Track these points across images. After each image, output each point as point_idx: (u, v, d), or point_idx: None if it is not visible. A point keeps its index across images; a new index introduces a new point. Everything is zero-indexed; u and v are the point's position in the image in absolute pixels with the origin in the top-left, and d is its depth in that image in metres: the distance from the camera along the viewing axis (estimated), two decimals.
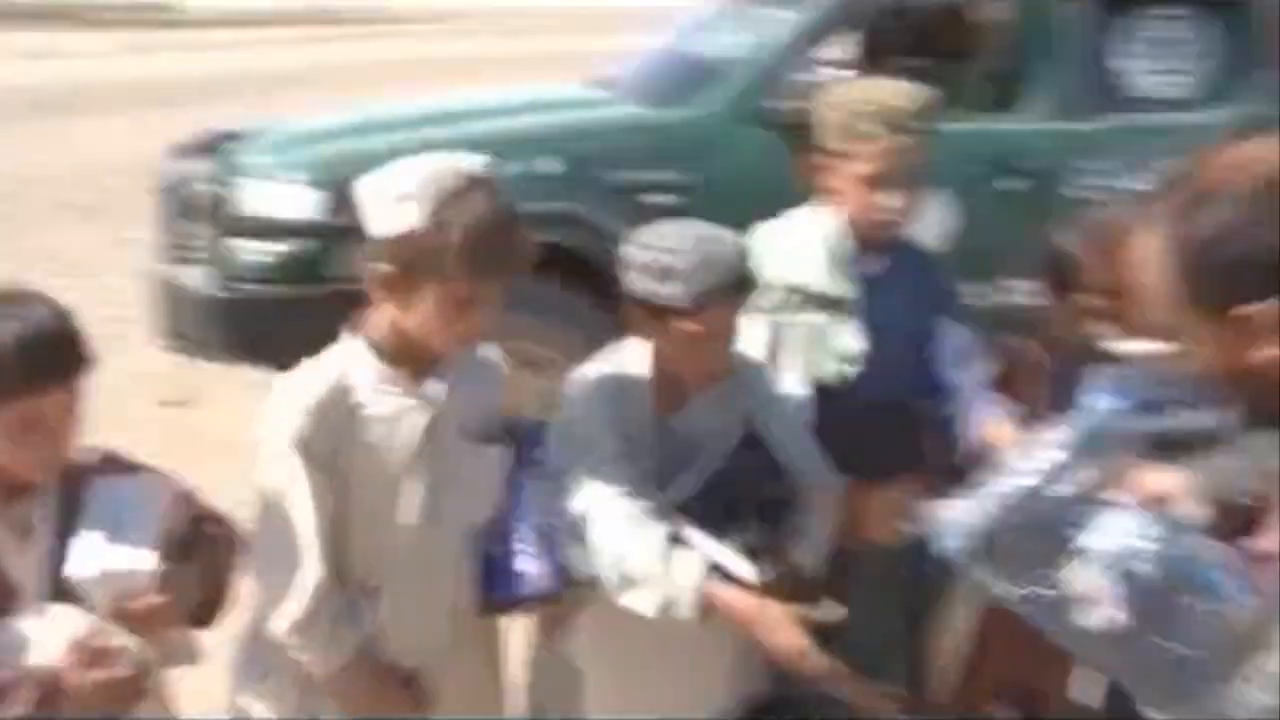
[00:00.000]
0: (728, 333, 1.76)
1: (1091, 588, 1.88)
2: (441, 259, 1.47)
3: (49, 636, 1.38)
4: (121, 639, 1.40)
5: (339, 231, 3.41)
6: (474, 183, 1.49)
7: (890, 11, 3.87)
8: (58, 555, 1.42)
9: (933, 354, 2.12)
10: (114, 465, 1.56)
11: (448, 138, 3.62)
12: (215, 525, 1.57)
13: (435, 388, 1.61)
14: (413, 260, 1.49)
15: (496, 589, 1.71)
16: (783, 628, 1.65)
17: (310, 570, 1.56)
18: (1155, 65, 3.97)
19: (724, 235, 1.76)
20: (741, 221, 3.32)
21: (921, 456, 1.94)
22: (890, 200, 1.96)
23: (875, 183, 1.95)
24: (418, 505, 1.62)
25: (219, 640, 1.66)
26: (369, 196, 1.51)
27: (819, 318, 2.03)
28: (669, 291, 1.66)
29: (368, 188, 1.52)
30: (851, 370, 2.00)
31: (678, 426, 1.80)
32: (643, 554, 1.64)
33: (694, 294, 1.66)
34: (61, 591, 1.42)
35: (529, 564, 1.67)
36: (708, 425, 1.81)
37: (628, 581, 1.66)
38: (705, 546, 1.69)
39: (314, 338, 1.65)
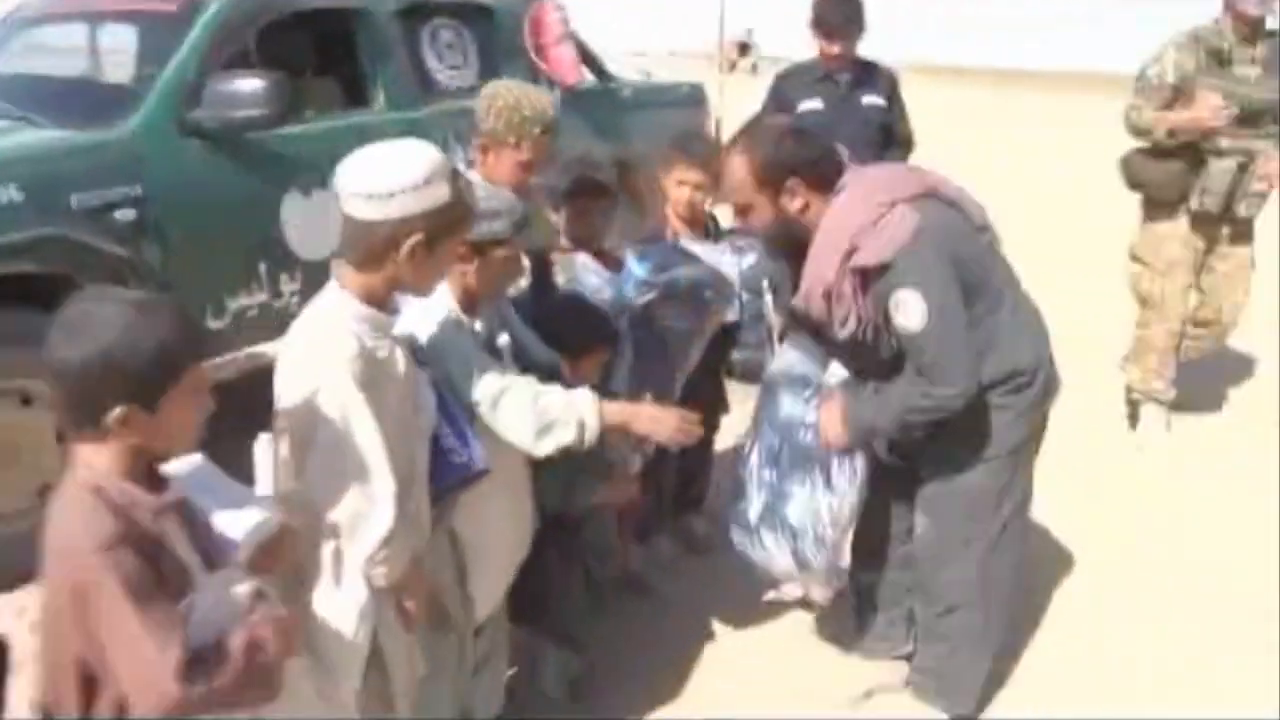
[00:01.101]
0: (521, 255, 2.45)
1: None
2: (464, 221, 1.97)
3: (230, 599, 1.62)
4: (260, 586, 1.68)
5: None
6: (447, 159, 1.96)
7: (269, 27, 4.32)
8: (197, 533, 1.65)
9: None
10: None
11: None
12: None
13: (400, 327, 2.04)
14: (443, 226, 1.90)
15: (443, 478, 2.17)
16: (658, 415, 2.42)
17: (386, 489, 1.89)
18: (447, 62, 5.09)
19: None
20: (193, 224, 3.75)
21: (594, 336, 2.78)
22: (536, 178, 2.73)
23: (529, 167, 2.71)
24: (415, 424, 2.04)
25: None
26: (388, 186, 1.84)
27: None
28: (498, 226, 2.27)
29: (386, 180, 1.85)
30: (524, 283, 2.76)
31: (481, 333, 2.40)
32: (554, 404, 2.27)
33: (514, 226, 2.32)
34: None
35: (462, 453, 2.17)
36: (491, 328, 2.45)
37: (547, 428, 2.25)
38: None
39: None
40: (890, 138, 4.55)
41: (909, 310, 2.41)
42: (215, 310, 4.00)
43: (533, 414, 2.25)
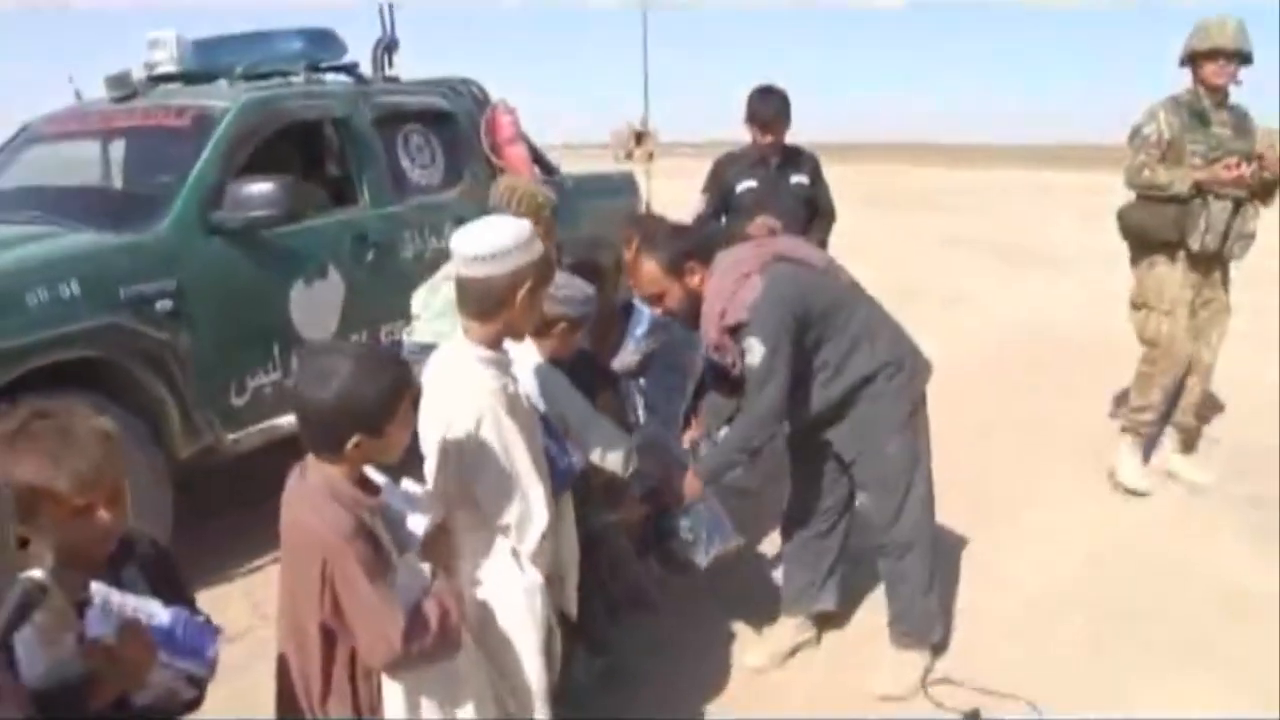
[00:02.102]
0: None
1: None
2: (553, 269, 2.50)
3: (418, 577, 2.09)
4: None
5: None
6: None
7: (273, 136, 4.88)
8: (390, 526, 2.11)
9: None
10: None
11: None
12: None
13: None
14: (542, 274, 2.37)
15: (556, 482, 2.57)
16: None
17: (540, 493, 2.34)
18: (418, 163, 5.67)
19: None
20: (219, 312, 4.22)
21: (602, 383, 3.39)
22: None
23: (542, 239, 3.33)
24: (538, 444, 2.47)
25: None
26: (506, 245, 2.28)
27: None
28: (589, 309, 2.96)
29: (501, 242, 2.27)
30: None
31: None
32: (618, 439, 2.93)
33: (589, 307, 2.97)
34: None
35: (563, 460, 2.66)
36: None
37: (630, 457, 2.92)
38: None
39: None
40: (814, 210, 5.27)
41: (753, 352, 3.21)
42: (238, 389, 4.46)
43: (623, 449, 2.92)
